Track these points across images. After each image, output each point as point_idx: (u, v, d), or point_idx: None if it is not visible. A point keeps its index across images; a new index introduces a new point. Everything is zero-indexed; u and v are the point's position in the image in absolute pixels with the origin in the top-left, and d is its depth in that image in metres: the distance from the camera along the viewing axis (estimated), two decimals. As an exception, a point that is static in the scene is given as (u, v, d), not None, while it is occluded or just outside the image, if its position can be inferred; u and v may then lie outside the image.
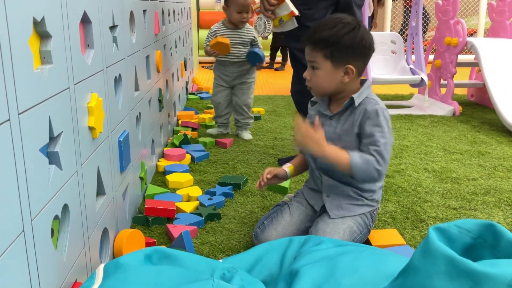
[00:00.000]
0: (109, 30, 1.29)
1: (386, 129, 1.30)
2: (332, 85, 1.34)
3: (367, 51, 1.33)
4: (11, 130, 0.71)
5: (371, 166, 1.27)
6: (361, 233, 1.38)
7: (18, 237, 0.72)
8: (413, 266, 0.75)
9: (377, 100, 1.36)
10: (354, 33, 1.28)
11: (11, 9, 0.71)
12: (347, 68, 1.30)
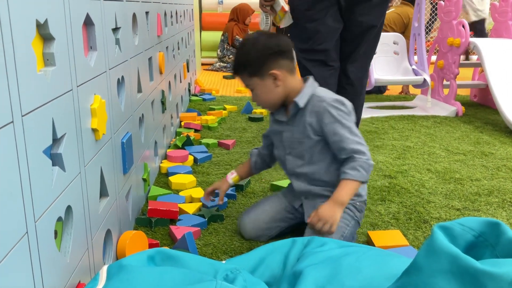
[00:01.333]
0: (112, 32, 1.29)
1: (342, 118, 1.33)
2: (272, 95, 1.38)
3: (278, 50, 1.35)
4: (14, 132, 0.71)
5: (365, 163, 1.31)
6: (348, 226, 1.39)
7: (21, 238, 0.73)
8: (416, 264, 0.75)
9: (322, 95, 1.37)
10: (256, 44, 1.36)
11: (15, 12, 0.71)
12: (271, 74, 1.35)
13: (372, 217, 1.65)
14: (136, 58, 1.60)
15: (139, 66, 1.64)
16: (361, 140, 1.34)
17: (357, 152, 1.31)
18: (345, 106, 1.35)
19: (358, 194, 1.43)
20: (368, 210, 1.71)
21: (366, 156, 1.32)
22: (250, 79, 1.38)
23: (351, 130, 1.33)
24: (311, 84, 1.40)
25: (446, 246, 0.71)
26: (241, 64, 1.38)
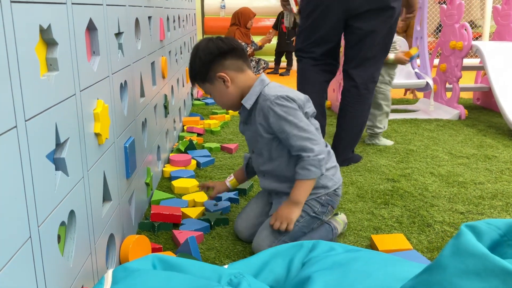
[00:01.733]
0: (114, 37, 1.30)
1: (286, 115, 1.32)
2: (227, 96, 1.41)
3: (219, 53, 1.37)
4: (18, 136, 0.71)
5: (313, 160, 1.32)
6: (298, 222, 1.38)
7: (25, 243, 0.73)
8: (441, 263, 0.74)
9: (267, 93, 1.36)
10: (196, 53, 1.39)
11: (18, 17, 0.72)
12: (218, 77, 1.37)
13: (375, 221, 1.65)
14: (139, 62, 1.60)
15: (142, 70, 1.65)
16: (309, 134, 1.32)
17: (304, 149, 1.32)
18: (290, 101, 1.33)
19: (323, 186, 1.42)
20: (371, 214, 1.70)
21: (313, 153, 1.31)
22: (204, 86, 1.42)
23: (297, 125, 1.32)
24: (259, 83, 1.39)
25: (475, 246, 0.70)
26: (191, 74, 1.43)
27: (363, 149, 2.53)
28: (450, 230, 1.58)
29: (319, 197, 1.42)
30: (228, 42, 1.38)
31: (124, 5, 1.40)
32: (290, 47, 6.02)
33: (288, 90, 1.38)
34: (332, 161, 1.46)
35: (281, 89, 1.38)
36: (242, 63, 1.40)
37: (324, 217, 1.45)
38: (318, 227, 1.47)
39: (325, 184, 1.42)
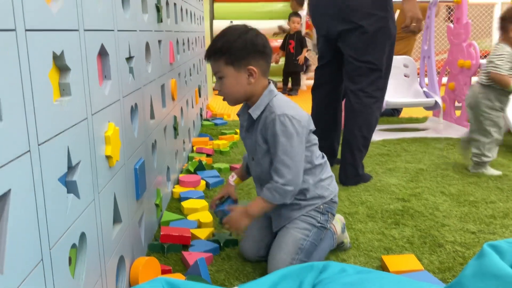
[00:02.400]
0: (125, 61, 1.32)
1: (282, 137, 1.32)
2: (240, 89, 1.38)
3: (263, 50, 1.37)
4: (31, 160, 0.73)
5: (279, 188, 1.34)
6: (307, 237, 1.41)
7: (37, 265, 0.74)
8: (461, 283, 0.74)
9: (275, 106, 1.36)
10: (244, 36, 1.35)
11: (32, 45, 0.74)
12: (249, 69, 1.35)
13: (386, 241, 1.64)
14: (149, 85, 1.63)
15: (152, 93, 1.67)
16: (291, 162, 1.33)
17: (278, 173, 1.33)
18: (291, 123, 1.33)
19: (320, 196, 1.44)
20: (381, 234, 1.69)
21: (283, 180, 1.32)
22: (224, 67, 1.36)
23: (285, 149, 1.32)
24: (268, 93, 1.39)
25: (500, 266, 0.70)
26: (221, 50, 1.35)
27: (372, 168, 2.52)
28: (461, 250, 1.56)
29: (318, 207, 1.44)
30: (269, 46, 1.41)
31: (134, 30, 1.44)
32: (297, 68, 6.07)
33: (294, 107, 1.39)
34: (328, 172, 1.48)
35: (288, 105, 1.38)
36: (267, 70, 1.42)
37: (328, 225, 1.47)
38: (325, 236, 1.48)
39: (321, 194, 1.44)
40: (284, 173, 1.33)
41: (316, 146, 1.45)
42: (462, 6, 3.35)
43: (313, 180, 1.43)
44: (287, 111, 1.34)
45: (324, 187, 1.45)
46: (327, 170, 1.49)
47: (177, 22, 2.40)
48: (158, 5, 1.83)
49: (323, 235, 1.46)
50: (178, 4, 2.47)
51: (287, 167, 1.33)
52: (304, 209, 1.43)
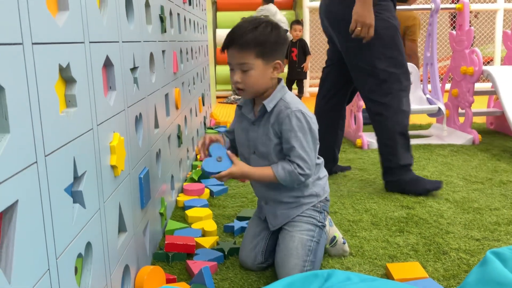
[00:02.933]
0: (130, 71, 1.34)
1: (299, 132, 1.35)
2: (264, 82, 1.38)
3: (286, 46, 1.43)
4: (38, 171, 0.74)
5: (294, 174, 1.36)
6: (313, 238, 1.43)
7: (43, 275, 0.74)
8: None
9: (289, 101, 1.39)
10: (277, 30, 1.37)
11: (39, 57, 0.75)
12: (276, 63, 1.38)
13: (390, 249, 1.64)
14: (153, 95, 1.64)
15: (156, 102, 1.69)
16: (307, 156, 1.36)
17: (296, 163, 1.36)
18: (306, 120, 1.37)
19: (315, 194, 1.46)
20: (386, 241, 1.69)
21: (301, 171, 1.36)
22: (254, 59, 1.35)
23: (302, 144, 1.36)
24: (281, 89, 1.42)
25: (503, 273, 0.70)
26: (255, 42, 1.34)
27: (376, 176, 2.52)
28: (466, 257, 1.56)
29: (315, 205, 1.46)
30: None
31: (139, 41, 1.45)
32: (301, 75, 6.09)
33: (304, 105, 1.42)
34: (324, 171, 1.52)
35: (300, 102, 1.42)
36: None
37: (326, 222, 1.51)
38: None
39: (318, 192, 1.47)
40: (301, 164, 1.36)
41: (318, 145, 1.46)
42: (464, 13, 3.36)
43: (312, 178, 1.45)
44: (301, 107, 1.38)
45: (320, 186, 1.48)
46: (323, 169, 1.52)
47: (181, 31, 2.42)
48: (162, 15, 1.85)
49: (324, 235, 1.49)
50: (182, 14, 2.49)
51: (305, 162, 1.36)
52: (301, 208, 1.45)
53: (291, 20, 6.46)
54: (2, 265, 0.65)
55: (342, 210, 2.02)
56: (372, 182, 2.42)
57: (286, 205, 1.45)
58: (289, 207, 1.45)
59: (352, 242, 1.69)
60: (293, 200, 1.45)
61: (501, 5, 6.43)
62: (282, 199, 1.45)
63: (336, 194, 2.23)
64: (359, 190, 2.30)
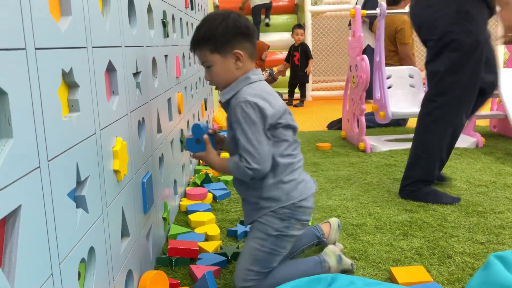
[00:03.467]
0: (132, 76, 1.34)
1: (244, 124, 1.27)
2: (229, 75, 1.34)
3: (246, 32, 1.34)
4: (41, 176, 0.74)
5: (241, 168, 1.28)
6: (263, 246, 1.33)
7: (46, 280, 0.74)
8: None
9: (244, 92, 1.31)
10: (225, 21, 1.31)
11: (42, 63, 0.76)
12: (235, 53, 1.32)
13: (394, 252, 1.63)
14: (156, 99, 1.64)
15: (158, 107, 1.69)
16: (253, 149, 1.27)
17: (243, 156, 1.27)
18: (255, 110, 1.27)
19: (275, 198, 1.33)
20: (390, 245, 1.68)
21: (247, 165, 1.27)
22: (210, 55, 1.32)
23: (247, 137, 1.27)
24: (244, 79, 1.33)
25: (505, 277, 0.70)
26: (204, 38, 1.32)
27: (380, 179, 2.52)
28: (470, 261, 1.55)
29: (275, 211, 1.33)
30: (252, 27, 1.37)
31: (141, 45, 1.46)
32: (303, 79, 6.10)
33: (265, 97, 1.31)
34: (294, 175, 1.35)
35: (258, 93, 1.31)
36: (253, 52, 1.37)
37: (293, 232, 1.35)
38: (306, 259, 1.44)
39: (278, 197, 1.33)
40: (247, 157, 1.27)
41: (286, 144, 1.34)
42: (466, 16, 3.36)
43: (273, 180, 1.33)
44: (251, 98, 1.28)
45: (283, 190, 1.33)
46: (294, 173, 1.35)
47: (183, 36, 2.43)
48: (164, 20, 1.86)
49: (287, 244, 1.36)
50: (184, 18, 2.50)
51: (250, 155, 1.27)
52: (261, 211, 1.34)
53: (293, 24, 6.48)
54: (6, 270, 0.65)
55: (346, 214, 2.01)
56: (375, 186, 2.41)
57: (250, 205, 1.37)
58: (252, 208, 1.37)
59: (355, 246, 1.69)
60: (254, 201, 1.36)
61: (503, 8, 6.41)
62: (247, 197, 1.38)
63: (340, 198, 2.23)
64: (362, 194, 2.29)
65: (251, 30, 1.36)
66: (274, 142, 1.32)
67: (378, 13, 3.35)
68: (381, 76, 3.35)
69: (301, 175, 1.38)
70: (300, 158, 1.41)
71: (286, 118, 1.35)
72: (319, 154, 3.19)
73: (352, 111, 3.54)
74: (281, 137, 1.34)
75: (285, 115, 1.35)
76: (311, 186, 1.40)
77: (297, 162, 1.38)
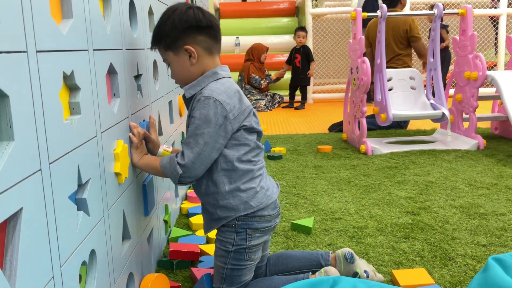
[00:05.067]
0: (133, 79, 1.34)
1: (198, 120, 1.18)
2: (186, 72, 1.26)
3: (198, 24, 1.23)
4: (42, 179, 0.74)
5: (173, 161, 1.20)
6: (225, 264, 1.28)
7: (48, 283, 0.74)
8: None
9: (209, 88, 1.22)
10: (171, 17, 1.24)
11: (43, 65, 0.76)
12: (186, 49, 1.23)
13: (396, 255, 1.62)
14: (157, 102, 1.64)
15: (159, 109, 1.69)
16: (194, 146, 1.18)
17: (182, 152, 1.21)
18: (216, 108, 1.18)
19: (232, 207, 1.24)
20: (391, 248, 1.68)
21: (180, 160, 1.19)
22: (165, 53, 1.27)
23: (195, 132, 1.19)
24: (211, 75, 1.25)
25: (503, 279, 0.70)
26: (157, 36, 1.27)
27: (381, 181, 2.51)
28: (472, 263, 1.55)
29: (230, 224, 1.26)
30: (208, 18, 1.25)
31: (142, 48, 1.46)
32: (304, 81, 6.10)
33: (232, 95, 1.22)
34: (254, 183, 1.26)
35: (225, 91, 1.22)
36: (214, 45, 1.28)
37: (251, 242, 1.27)
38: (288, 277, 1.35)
39: (236, 206, 1.24)
40: (185, 155, 1.19)
41: (247, 148, 1.25)
42: (467, 18, 3.36)
43: (229, 187, 1.24)
44: (217, 95, 1.19)
45: (241, 199, 1.24)
46: (253, 180, 1.26)
47: (184, 39, 2.43)
48: (165, 23, 1.86)
49: (253, 255, 1.30)
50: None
51: (189, 147, 1.19)
52: (219, 222, 1.27)
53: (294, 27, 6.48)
54: (7, 273, 0.65)
55: (347, 216, 2.01)
56: (376, 188, 2.41)
57: (209, 214, 1.30)
58: (210, 218, 1.30)
59: (357, 248, 1.68)
60: (211, 210, 1.28)
61: (504, 10, 6.43)
62: (205, 204, 1.31)
63: (341, 200, 2.23)
64: (363, 196, 2.29)
65: (205, 21, 1.24)
66: (233, 144, 1.23)
67: (379, 15, 3.36)
68: (382, 79, 3.35)
69: (261, 183, 1.29)
70: (261, 165, 1.31)
71: (250, 121, 1.26)
72: (320, 157, 3.19)
73: (353, 114, 3.54)
74: (242, 141, 1.24)
75: (250, 117, 1.26)
76: (271, 194, 1.30)
77: (257, 169, 1.28)
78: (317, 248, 1.70)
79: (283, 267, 1.43)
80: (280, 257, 1.45)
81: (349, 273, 1.40)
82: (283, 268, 1.43)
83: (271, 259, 1.44)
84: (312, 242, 1.75)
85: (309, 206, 2.17)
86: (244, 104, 1.25)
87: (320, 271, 1.34)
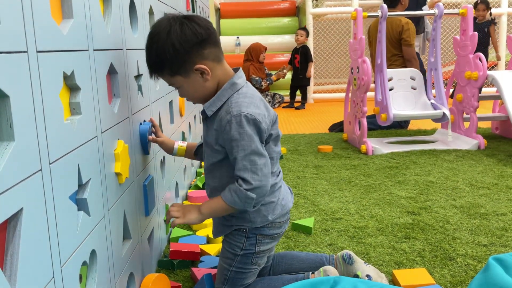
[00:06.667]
0: (134, 79, 1.34)
1: (240, 139, 1.14)
2: (203, 90, 1.20)
3: (199, 39, 1.15)
4: (42, 179, 0.74)
5: (240, 192, 1.15)
6: (231, 266, 1.28)
7: (48, 283, 0.74)
8: None
9: (234, 103, 1.17)
10: (169, 42, 1.13)
11: (44, 65, 0.76)
12: (197, 69, 1.16)
13: (396, 255, 1.62)
14: (157, 102, 1.64)
15: (160, 110, 1.69)
16: (253, 166, 1.15)
17: (242, 178, 1.15)
18: (250, 124, 1.14)
19: (249, 219, 1.24)
20: (392, 248, 1.68)
21: (247, 186, 1.14)
22: (172, 79, 1.19)
23: (245, 153, 1.14)
24: (229, 87, 1.20)
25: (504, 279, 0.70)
26: (158, 64, 1.18)
27: (382, 181, 2.51)
28: (473, 263, 1.54)
29: (242, 230, 1.26)
30: (205, 26, 1.17)
31: (143, 48, 1.45)
32: (303, 82, 6.10)
33: (258, 103, 1.19)
34: (272, 196, 1.26)
35: (251, 100, 1.18)
36: (219, 51, 1.21)
37: (260, 248, 1.28)
38: (289, 276, 1.36)
39: (253, 219, 1.25)
40: (247, 177, 1.14)
41: (271, 162, 1.23)
42: (467, 18, 3.36)
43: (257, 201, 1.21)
44: (245, 109, 1.15)
45: (259, 212, 1.25)
46: (274, 193, 1.27)
47: (185, 39, 2.43)
48: (166, 23, 1.86)
49: (259, 260, 1.30)
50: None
51: (249, 171, 1.14)
52: (231, 228, 1.27)
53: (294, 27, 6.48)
54: (7, 273, 0.65)
55: (348, 216, 2.01)
56: (377, 188, 2.41)
57: (221, 218, 1.28)
58: (222, 223, 1.29)
59: (357, 248, 1.68)
60: (226, 216, 1.26)
61: (505, 9, 6.43)
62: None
63: (341, 200, 2.23)
64: (364, 196, 2.29)
65: (204, 32, 1.16)
66: None
67: (379, 15, 3.36)
68: (382, 79, 3.35)
69: (281, 194, 1.29)
70: (280, 175, 1.32)
71: (276, 128, 1.25)
72: (320, 157, 3.19)
73: (353, 113, 3.54)
74: (270, 154, 1.23)
75: (276, 124, 1.25)
76: (286, 203, 1.30)
77: (279, 181, 1.29)
78: (317, 248, 1.70)
79: (287, 267, 1.43)
80: (285, 257, 1.45)
81: (349, 275, 1.39)
82: (286, 268, 1.43)
83: (275, 259, 1.45)
84: (312, 242, 1.75)
85: (309, 206, 2.17)
86: (270, 111, 1.24)
87: (319, 270, 1.34)
